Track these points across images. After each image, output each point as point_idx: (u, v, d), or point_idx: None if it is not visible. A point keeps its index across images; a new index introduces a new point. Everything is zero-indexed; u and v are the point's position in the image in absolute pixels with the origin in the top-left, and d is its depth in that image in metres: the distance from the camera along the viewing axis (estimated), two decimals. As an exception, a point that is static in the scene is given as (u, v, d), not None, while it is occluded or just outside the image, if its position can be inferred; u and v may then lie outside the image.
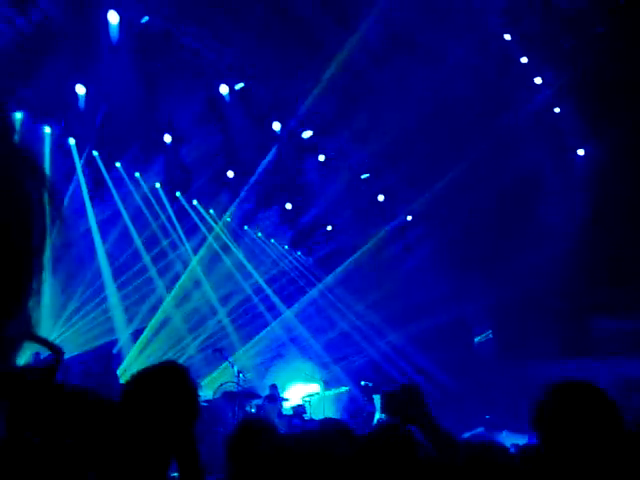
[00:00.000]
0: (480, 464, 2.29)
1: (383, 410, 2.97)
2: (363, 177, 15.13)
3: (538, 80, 12.19)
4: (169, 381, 2.21)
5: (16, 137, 0.69)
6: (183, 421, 2.23)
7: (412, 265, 16.00)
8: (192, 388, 2.26)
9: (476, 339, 16.95)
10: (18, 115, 11.66)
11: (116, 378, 11.11)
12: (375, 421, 11.34)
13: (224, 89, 12.41)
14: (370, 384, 12.72)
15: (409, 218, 16.30)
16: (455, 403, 12.70)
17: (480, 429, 12.21)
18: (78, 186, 12.89)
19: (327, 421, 2.77)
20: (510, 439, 9.24)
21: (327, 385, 14.42)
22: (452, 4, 10.42)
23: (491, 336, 16.70)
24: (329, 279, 16.81)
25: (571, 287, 14.45)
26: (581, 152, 14.10)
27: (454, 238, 14.85)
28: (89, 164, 12.98)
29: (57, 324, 12.54)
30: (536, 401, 2.17)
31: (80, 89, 11.43)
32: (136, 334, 13.81)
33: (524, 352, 14.43)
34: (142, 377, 2.25)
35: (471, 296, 15.64)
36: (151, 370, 2.29)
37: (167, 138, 13.07)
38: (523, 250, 13.61)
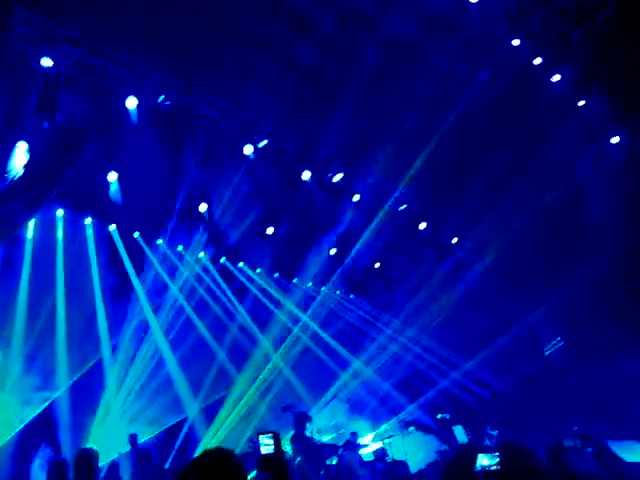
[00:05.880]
0: None
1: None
2: (400, 209, 15.01)
3: (556, 77, 12.02)
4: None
5: None
6: None
7: (467, 288, 15.57)
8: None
9: (546, 351, 16.27)
10: (59, 212, 12.16)
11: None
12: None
13: (248, 149, 12.59)
14: (447, 416, 12.31)
15: (454, 241, 16.04)
16: (539, 419, 12.12)
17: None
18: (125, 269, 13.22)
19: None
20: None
21: (404, 425, 14.00)
22: (452, 21, 10.46)
23: (562, 344, 15.99)
24: (391, 320, 16.54)
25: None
26: (615, 140, 13.58)
27: (505, 255, 14.41)
28: (132, 246, 13.32)
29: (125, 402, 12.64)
30: None
31: (112, 176, 11.83)
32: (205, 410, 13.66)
33: (598, 355, 13.69)
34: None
35: (536, 310, 15.11)
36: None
37: (202, 207, 13.32)
38: (578, 252, 13.13)
